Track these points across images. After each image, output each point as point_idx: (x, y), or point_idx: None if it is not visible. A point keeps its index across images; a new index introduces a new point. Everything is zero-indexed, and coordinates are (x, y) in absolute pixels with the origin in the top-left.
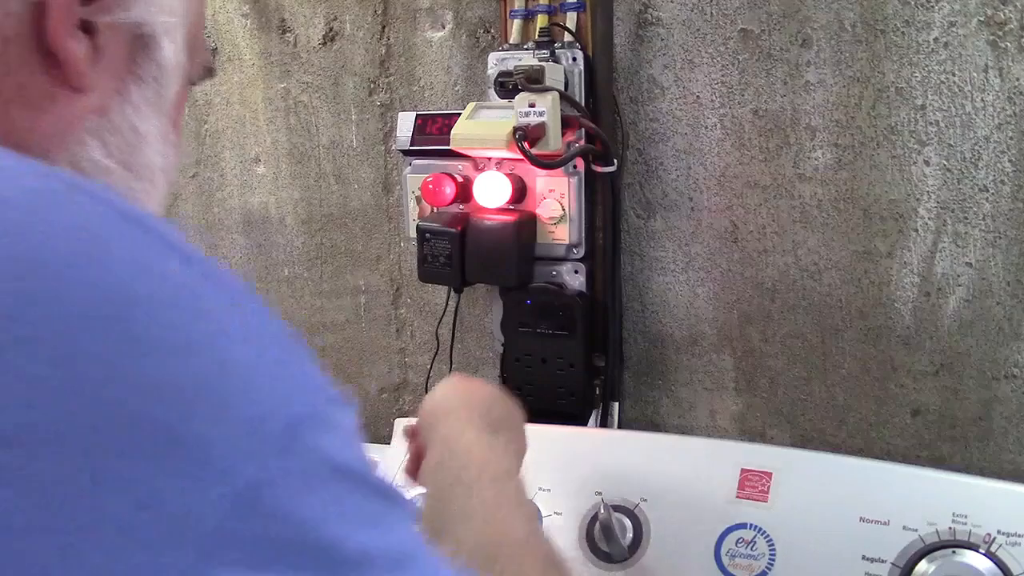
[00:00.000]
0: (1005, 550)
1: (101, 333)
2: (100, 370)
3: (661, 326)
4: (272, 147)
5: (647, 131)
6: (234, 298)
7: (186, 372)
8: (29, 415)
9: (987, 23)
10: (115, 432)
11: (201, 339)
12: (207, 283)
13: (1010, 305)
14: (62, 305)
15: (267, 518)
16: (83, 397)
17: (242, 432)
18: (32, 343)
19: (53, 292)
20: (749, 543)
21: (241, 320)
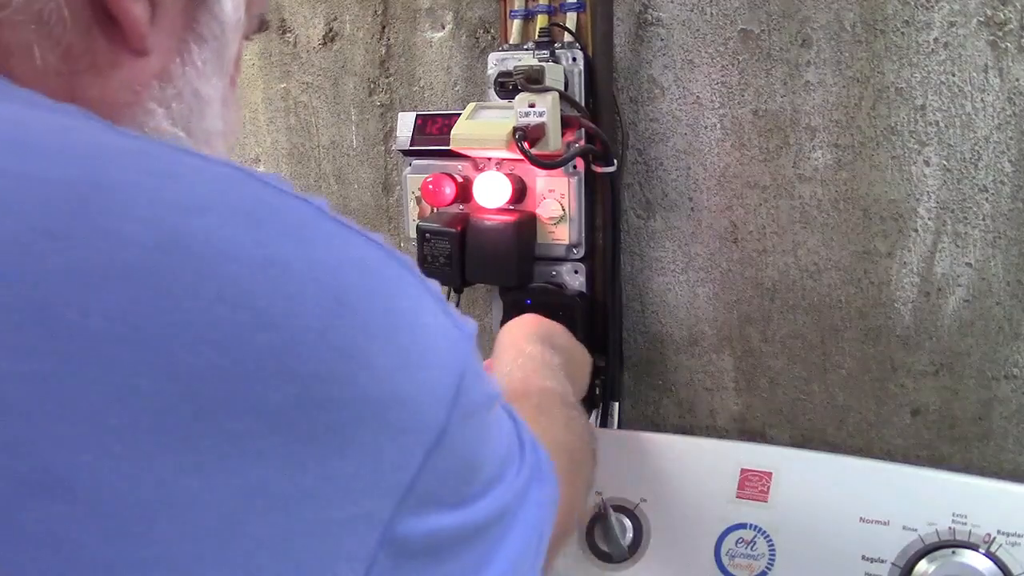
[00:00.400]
0: (1005, 550)
1: (332, 324)
2: (332, 356)
3: (661, 326)
4: (272, 147)
5: (647, 131)
6: (413, 273)
7: (393, 346)
8: (284, 389)
9: (987, 23)
10: (349, 409)
11: (401, 315)
12: (393, 263)
13: (1010, 305)
14: (301, 307)
15: (451, 462)
16: (321, 378)
17: (429, 389)
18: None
19: (292, 295)
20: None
21: (416, 291)
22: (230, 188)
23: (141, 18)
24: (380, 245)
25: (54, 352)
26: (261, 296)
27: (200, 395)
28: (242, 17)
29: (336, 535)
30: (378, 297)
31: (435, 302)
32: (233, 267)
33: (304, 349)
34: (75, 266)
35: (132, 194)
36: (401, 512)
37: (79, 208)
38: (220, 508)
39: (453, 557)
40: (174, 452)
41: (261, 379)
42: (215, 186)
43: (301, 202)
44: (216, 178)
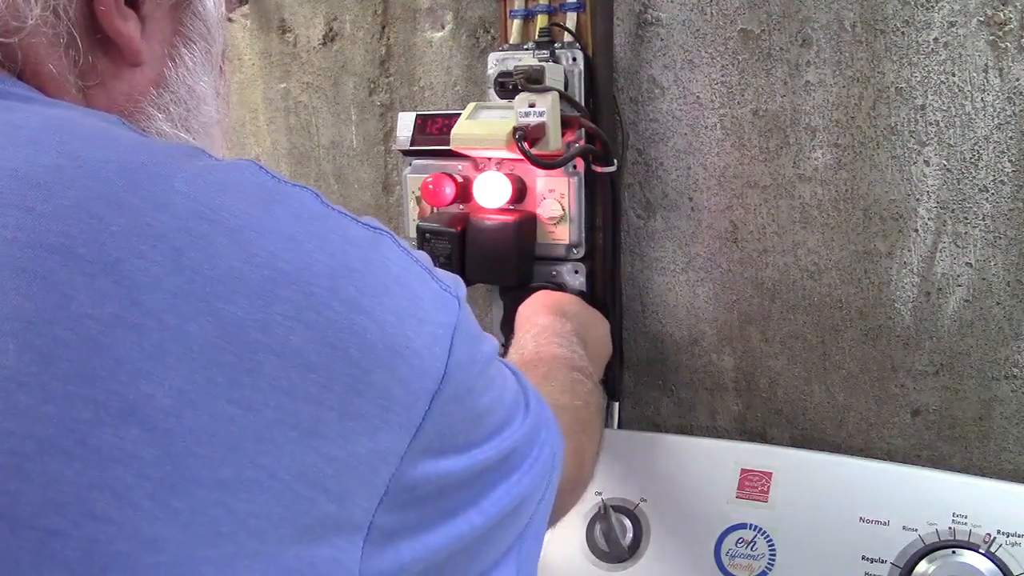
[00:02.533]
0: (1005, 550)
1: (338, 285)
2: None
3: (661, 326)
4: (272, 147)
5: (647, 131)
6: (393, 239)
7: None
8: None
9: (987, 23)
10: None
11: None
12: (372, 234)
13: (1010, 305)
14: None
15: (456, 408)
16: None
17: (426, 341)
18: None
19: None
20: (749, 543)
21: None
22: (244, 174)
23: (133, 34)
24: (367, 224)
25: (122, 298)
26: (280, 260)
27: (238, 339)
28: (223, 10)
29: (356, 468)
30: (372, 264)
31: (422, 270)
32: (255, 236)
33: (317, 302)
34: (133, 229)
35: (172, 172)
36: (413, 451)
37: (131, 183)
38: (258, 435)
39: (457, 494)
40: (221, 387)
41: (285, 326)
42: (232, 172)
43: (300, 189)
44: (232, 166)
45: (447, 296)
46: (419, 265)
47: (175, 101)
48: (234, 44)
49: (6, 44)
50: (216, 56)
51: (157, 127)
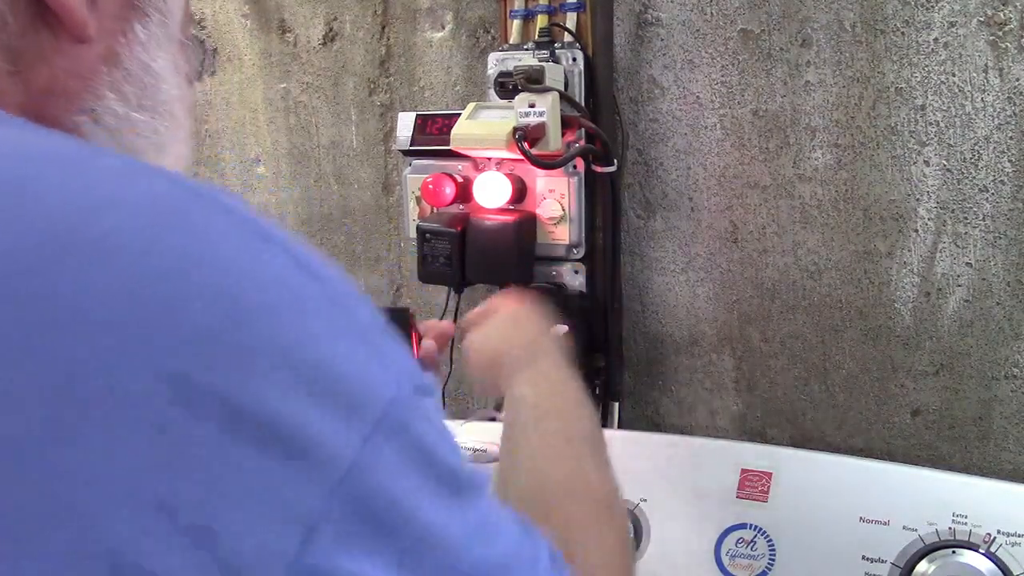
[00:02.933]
0: (1005, 550)
1: (220, 338)
2: (221, 370)
3: (661, 326)
4: (272, 147)
5: (647, 131)
6: (335, 295)
7: (293, 367)
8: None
9: (987, 23)
10: (229, 429)
11: (305, 339)
12: (313, 283)
13: (1010, 305)
14: (186, 310)
15: (366, 500)
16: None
17: (342, 420)
18: (149, 347)
19: (185, 294)
20: (749, 543)
21: (340, 315)
22: (134, 186)
23: (78, 6)
24: (297, 260)
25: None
26: (150, 296)
27: (84, 385)
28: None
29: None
30: (279, 313)
31: (357, 333)
32: (126, 263)
33: (192, 349)
34: None
35: (42, 190)
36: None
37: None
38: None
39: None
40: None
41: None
42: (118, 185)
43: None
44: (121, 175)
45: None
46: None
47: (128, 79)
48: (234, 44)
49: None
50: (174, 28)
51: (107, 106)
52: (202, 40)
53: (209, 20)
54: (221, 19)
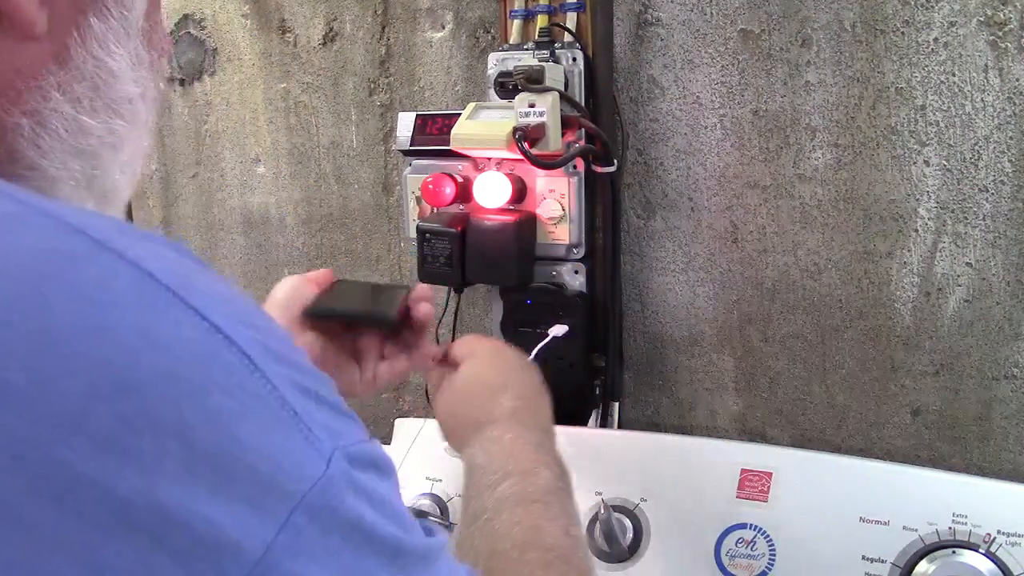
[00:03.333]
0: (1005, 550)
1: (97, 412)
2: (95, 450)
3: (661, 326)
4: (272, 147)
5: (647, 131)
6: (255, 361)
7: (189, 452)
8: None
9: (987, 23)
10: (111, 514)
11: (206, 416)
12: (227, 351)
13: (1010, 305)
14: (65, 381)
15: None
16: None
17: (251, 510)
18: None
19: (57, 367)
20: (749, 543)
21: (256, 388)
22: (18, 243)
23: (27, 3)
24: (211, 322)
25: None
26: (12, 369)
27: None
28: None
29: None
30: (176, 388)
31: (277, 407)
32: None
33: (52, 434)
34: None
35: None
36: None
37: None
38: None
39: None
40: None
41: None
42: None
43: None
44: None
45: (308, 455)
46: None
47: (79, 78)
48: (234, 44)
49: None
50: (135, 21)
51: (54, 107)
52: (202, 40)
53: (209, 20)
54: (221, 19)
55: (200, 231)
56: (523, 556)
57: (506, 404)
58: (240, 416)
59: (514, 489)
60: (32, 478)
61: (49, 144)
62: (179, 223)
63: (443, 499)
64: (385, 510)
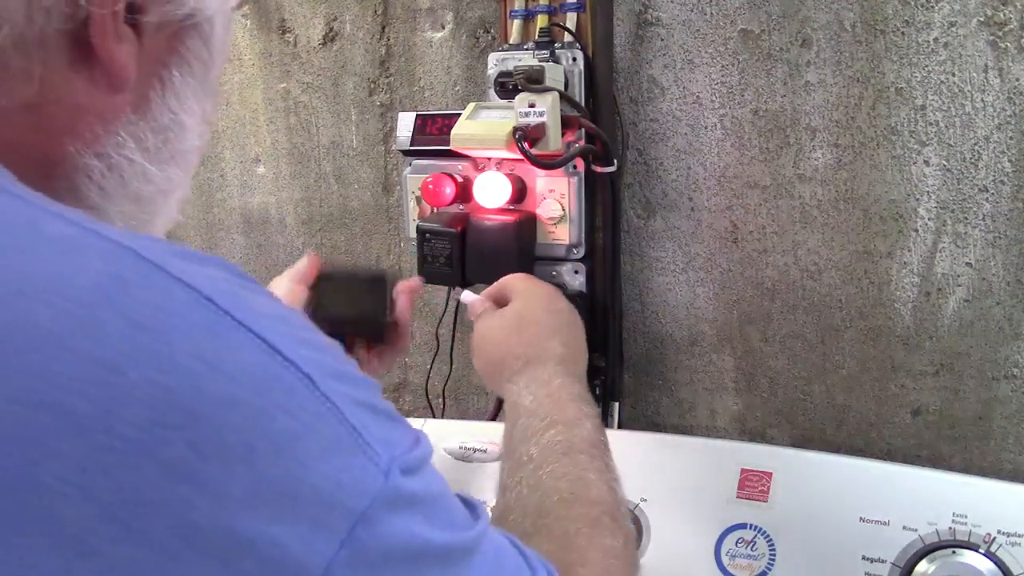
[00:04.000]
0: (1005, 550)
1: (165, 439)
2: (164, 477)
3: (661, 326)
4: (272, 147)
5: (647, 131)
6: (313, 379)
7: (255, 475)
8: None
9: (987, 23)
10: (181, 539)
11: (270, 440)
12: (286, 372)
13: (1010, 305)
14: (129, 408)
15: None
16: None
17: (313, 530)
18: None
19: (120, 394)
20: (749, 543)
21: (316, 407)
22: (79, 267)
23: (127, 59)
24: (269, 343)
25: None
26: (75, 395)
27: None
28: (232, 26)
29: None
30: (239, 409)
31: (338, 425)
32: (45, 360)
33: (118, 460)
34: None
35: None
36: None
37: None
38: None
39: None
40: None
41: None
42: (59, 266)
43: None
44: (64, 251)
45: (366, 470)
46: (335, 417)
47: (154, 130)
48: (234, 44)
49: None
50: (213, 80)
51: (126, 154)
52: None
53: None
54: None
55: (200, 231)
56: (570, 512)
57: (557, 348)
58: (302, 437)
59: (560, 438)
60: (101, 505)
61: (112, 187)
62: (179, 223)
63: None
64: (436, 510)
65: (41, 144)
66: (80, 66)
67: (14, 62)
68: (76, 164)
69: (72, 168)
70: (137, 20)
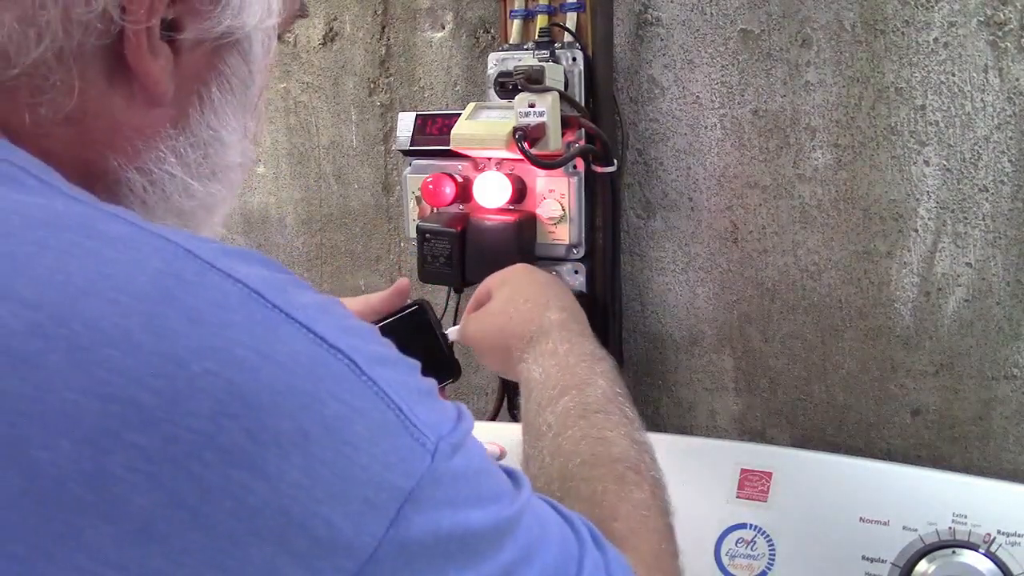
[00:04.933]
0: (1005, 550)
1: (226, 428)
2: (227, 464)
3: (661, 326)
4: (272, 147)
5: (647, 131)
6: (358, 365)
7: (309, 459)
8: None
9: (987, 23)
10: (241, 523)
11: (323, 425)
12: (334, 360)
13: (1010, 305)
14: (193, 400)
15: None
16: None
17: (362, 511)
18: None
19: (185, 387)
20: (749, 543)
21: (363, 392)
22: (139, 265)
23: (162, 74)
24: (316, 333)
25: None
26: (144, 389)
27: (52, 497)
28: (274, 45)
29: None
30: (293, 397)
31: (385, 408)
32: (115, 355)
33: (185, 450)
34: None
35: (18, 272)
36: None
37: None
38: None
39: None
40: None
41: (129, 484)
42: (120, 264)
43: (224, 279)
44: (122, 248)
45: (414, 451)
46: (382, 401)
47: (194, 145)
48: None
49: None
50: (253, 97)
51: (167, 169)
52: None
53: None
54: None
55: None
56: (593, 472)
57: (554, 316)
58: (352, 420)
59: (575, 402)
60: (168, 492)
61: (155, 201)
62: None
63: None
64: (482, 484)
65: (83, 157)
66: (118, 81)
67: (55, 75)
68: (118, 178)
69: (114, 182)
70: (174, 37)
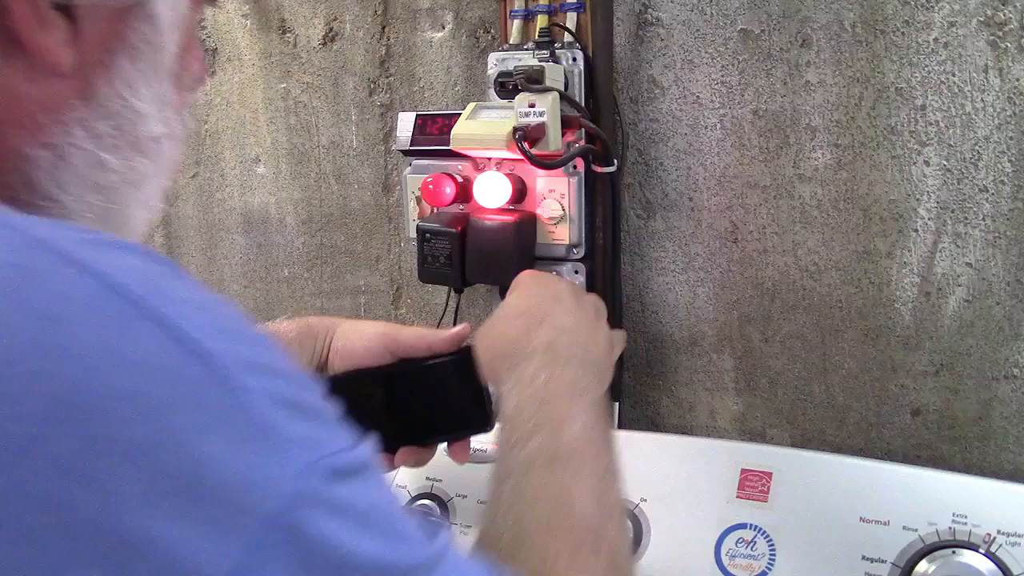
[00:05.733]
0: (1005, 550)
1: (56, 433)
2: (54, 473)
3: (661, 326)
4: (272, 147)
5: (647, 131)
6: (223, 374)
7: (152, 473)
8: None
9: (987, 23)
10: (70, 539)
11: (170, 436)
12: (193, 364)
13: (1010, 305)
14: (22, 402)
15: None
16: (33, 500)
17: (215, 532)
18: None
19: (14, 388)
20: (749, 543)
21: (223, 402)
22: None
23: (57, 46)
24: (176, 335)
25: None
26: None
27: None
28: (184, 4)
29: None
30: (138, 402)
31: (245, 422)
32: None
33: (11, 455)
34: None
35: None
36: None
37: None
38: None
39: None
40: None
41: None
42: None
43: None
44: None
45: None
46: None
47: (104, 117)
48: (234, 44)
49: None
50: (167, 63)
51: (76, 143)
52: (202, 40)
53: (209, 20)
54: (221, 19)
55: (200, 231)
56: (547, 539)
57: (542, 336)
58: (205, 433)
59: (543, 445)
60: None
61: (67, 178)
62: (179, 223)
63: (443, 499)
64: (368, 522)
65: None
66: (14, 54)
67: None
68: (24, 155)
69: (21, 160)
70: (68, 4)
